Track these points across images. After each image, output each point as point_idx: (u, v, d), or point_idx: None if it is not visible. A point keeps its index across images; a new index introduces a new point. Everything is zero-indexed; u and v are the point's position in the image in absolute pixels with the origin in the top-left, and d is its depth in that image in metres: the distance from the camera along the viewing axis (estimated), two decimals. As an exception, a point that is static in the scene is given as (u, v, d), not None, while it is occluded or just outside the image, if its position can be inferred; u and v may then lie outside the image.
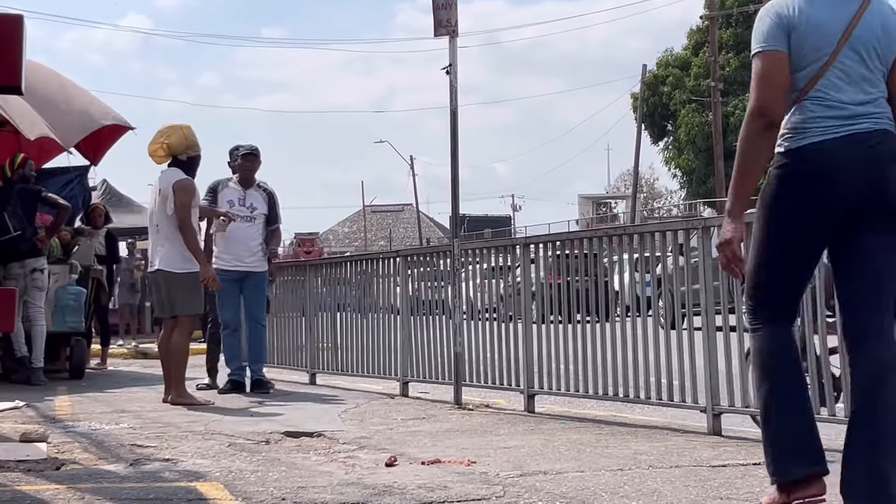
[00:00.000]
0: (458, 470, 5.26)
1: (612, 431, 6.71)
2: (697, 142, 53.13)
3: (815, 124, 3.84)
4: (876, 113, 3.86)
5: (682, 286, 7.12)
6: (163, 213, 8.83)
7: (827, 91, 3.85)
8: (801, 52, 3.86)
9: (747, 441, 6.17)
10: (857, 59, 3.86)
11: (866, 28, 3.87)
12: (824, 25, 3.85)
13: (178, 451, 5.98)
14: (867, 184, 3.79)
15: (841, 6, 3.89)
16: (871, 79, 3.88)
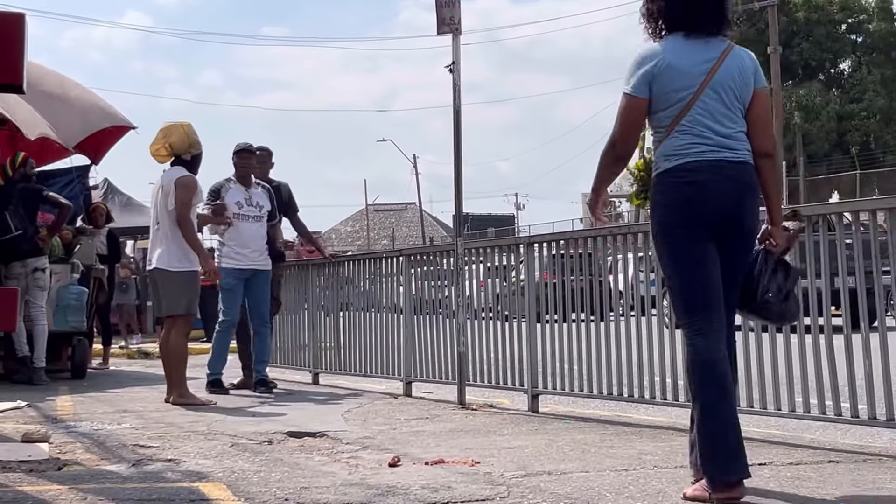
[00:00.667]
0: (462, 470, 5.26)
1: (617, 431, 6.71)
2: (701, 140, 53.10)
3: (690, 149, 4.45)
4: (736, 146, 4.47)
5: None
6: (163, 210, 8.86)
7: (693, 124, 4.46)
8: (666, 94, 4.49)
9: (753, 441, 6.15)
10: (717, 98, 4.47)
11: (726, 72, 4.49)
12: (686, 71, 4.47)
13: (181, 452, 5.98)
14: (729, 208, 4.44)
15: (702, 53, 4.50)
16: (730, 115, 4.49)
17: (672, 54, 4.51)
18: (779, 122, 40.99)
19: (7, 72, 3.81)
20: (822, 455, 5.62)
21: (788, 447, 5.92)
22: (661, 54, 4.52)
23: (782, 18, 48.89)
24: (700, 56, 4.51)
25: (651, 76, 4.50)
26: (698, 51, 4.52)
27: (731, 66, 4.52)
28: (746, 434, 6.37)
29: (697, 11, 4.54)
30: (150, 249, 9.17)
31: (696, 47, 4.53)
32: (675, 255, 4.50)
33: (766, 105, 4.57)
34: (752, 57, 4.66)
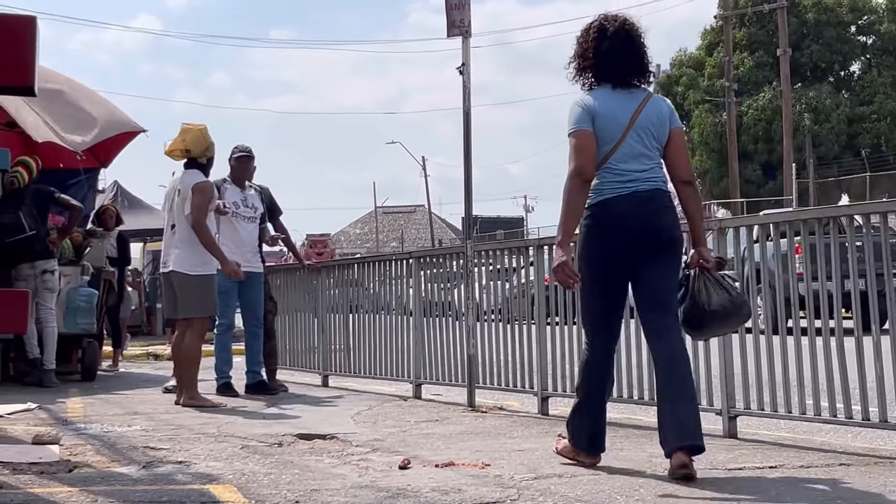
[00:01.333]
0: (472, 473, 5.26)
1: (627, 434, 6.70)
2: (711, 142, 53.00)
3: (608, 187, 5.24)
4: (652, 177, 5.27)
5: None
6: (181, 214, 8.89)
7: (616, 164, 5.24)
8: (599, 135, 5.24)
9: (764, 444, 6.15)
10: (638, 139, 5.25)
11: (646, 117, 5.28)
12: (615, 116, 5.25)
13: (191, 454, 5.99)
14: (645, 227, 5.21)
15: (627, 101, 5.30)
16: (648, 154, 5.28)
17: (602, 103, 5.28)
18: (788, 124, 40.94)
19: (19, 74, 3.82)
20: (833, 458, 5.61)
21: (799, 450, 5.91)
22: (594, 103, 5.28)
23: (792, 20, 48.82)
24: (625, 104, 5.30)
25: (592, 115, 5.25)
26: (623, 100, 5.31)
27: (650, 112, 5.31)
28: (757, 437, 6.39)
29: (622, 68, 5.35)
30: (165, 251, 9.19)
31: (621, 97, 5.32)
32: (592, 279, 5.34)
33: (681, 141, 5.40)
34: (668, 103, 5.48)
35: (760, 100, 51.43)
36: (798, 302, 6.31)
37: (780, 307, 6.37)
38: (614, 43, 5.33)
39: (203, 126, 9.08)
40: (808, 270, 6.14)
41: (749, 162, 51.06)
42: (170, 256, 9.01)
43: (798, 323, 6.25)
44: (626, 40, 5.36)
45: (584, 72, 5.42)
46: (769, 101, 50.32)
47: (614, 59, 5.32)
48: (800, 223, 6.37)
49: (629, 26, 5.40)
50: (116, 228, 13.96)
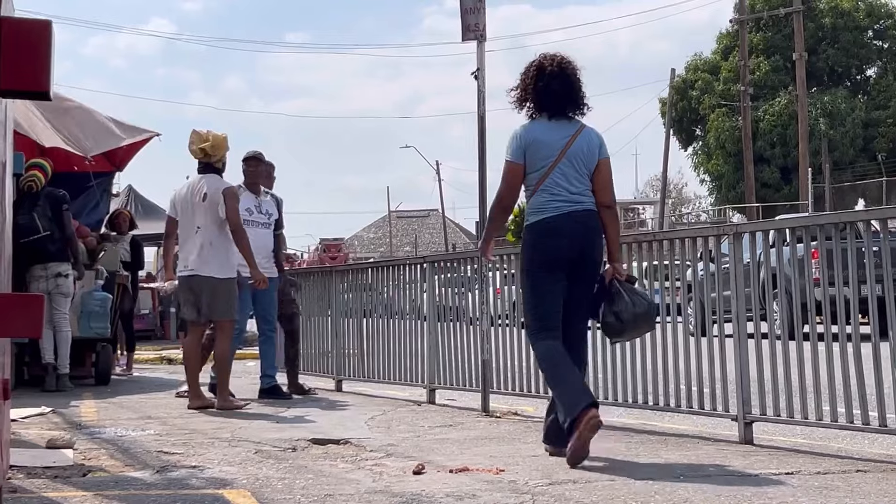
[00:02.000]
0: (487, 478, 5.26)
1: (642, 440, 6.69)
2: (727, 146, 52.93)
3: (548, 206, 5.98)
4: (583, 200, 6.01)
5: (713, 292, 7.10)
6: (209, 217, 8.99)
7: (552, 185, 5.98)
8: (534, 160, 6.01)
9: (780, 450, 6.14)
10: (570, 165, 6.00)
11: (577, 147, 6.02)
12: (548, 144, 6.01)
13: (205, 458, 6.00)
14: (579, 244, 5.98)
15: (560, 131, 6.04)
16: (579, 178, 6.01)
17: (539, 132, 6.05)
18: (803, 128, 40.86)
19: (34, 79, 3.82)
20: (849, 464, 5.59)
21: (815, 456, 5.89)
22: (532, 131, 6.06)
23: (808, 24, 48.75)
24: (559, 134, 6.04)
25: (524, 148, 6.03)
26: (558, 129, 6.05)
27: (581, 142, 6.04)
28: (773, 443, 6.38)
29: (557, 102, 6.05)
30: (185, 254, 9.18)
31: (556, 127, 6.06)
32: (534, 286, 6.08)
33: (607, 170, 6.11)
34: (599, 134, 6.15)
35: (776, 104, 51.36)
36: (814, 307, 6.29)
37: (796, 312, 6.35)
38: (551, 80, 6.05)
39: (225, 135, 9.28)
40: (824, 275, 6.11)
41: (766, 166, 50.99)
42: (194, 260, 9.01)
43: (815, 328, 6.23)
44: (562, 78, 6.07)
45: (524, 103, 6.18)
46: (785, 106, 50.22)
47: (550, 94, 6.06)
48: (816, 228, 6.35)
49: (565, 65, 6.11)
50: (130, 233, 13.99)
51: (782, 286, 6.52)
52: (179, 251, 9.38)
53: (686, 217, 68.46)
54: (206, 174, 9.16)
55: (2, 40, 3.69)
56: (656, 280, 7.72)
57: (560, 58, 6.12)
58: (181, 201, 9.25)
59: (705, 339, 6.98)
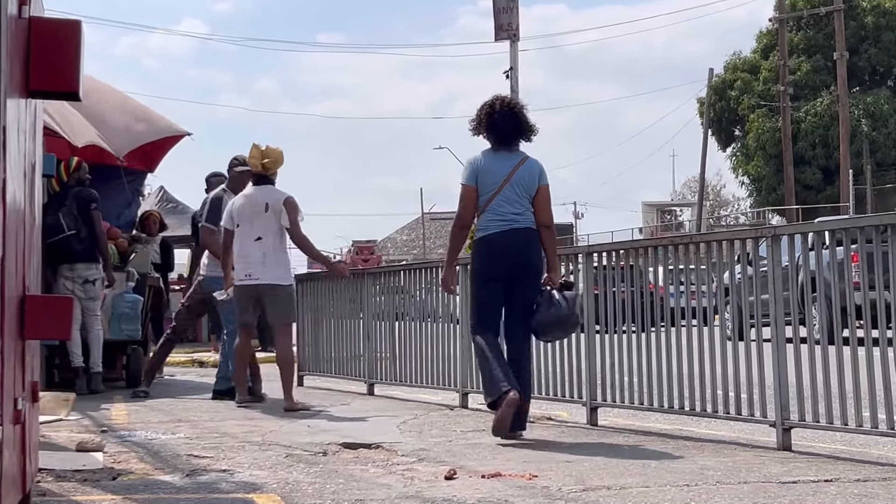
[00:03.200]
0: (519, 484, 5.25)
1: (678, 446, 6.66)
2: (767, 148, 52.62)
3: (490, 224, 7.23)
4: (522, 220, 7.21)
5: (751, 296, 7.07)
6: (272, 227, 9.54)
7: (497, 207, 7.20)
8: (483, 185, 7.25)
9: (819, 457, 6.10)
10: (513, 190, 7.21)
11: (520, 174, 7.24)
12: (495, 172, 7.24)
13: (235, 462, 6.03)
14: (515, 258, 7.19)
15: (506, 161, 7.28)
16: (520, 202, 7.22)
17: (488, 161, 7.31)
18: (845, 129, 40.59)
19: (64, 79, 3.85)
20: (890, 471, 5.55)
21: (855, 463, 5.85)
22: (481, 161, 7.31)
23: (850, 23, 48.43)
24: (506, 164, 7.27)
25: (476, 174, 7.26)
26: (504, 159, 7.30)
27: (523, 171, 7.27)
28: (812, 449, 6.34)
29: (504, 136, 7.32)
30: (245, 262, 9.54)
31: (503, 157, 7.31)
32: (477, 291, 7.41)
33: (545, 195, 7.30)
34: (539, 164, 7.36)
35: (818, 105, 51.03)
36: (854, 311, 6.24)
37: (835, 316, 6.31)
38: (500, 118, 7.31)
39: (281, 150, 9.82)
40: (864, 279, 6.08)
41: (807, 167, 50.66)
42: (258, 268, 9.48)
43: (854, 333, 6.19)
44: (510, 116, 7.33)
45: (478, 133, 7.44)
46: (827, 107, 49.90)
47: (499, 129, 7.31)
48: (856, 230, 6.30)
49: (513, 105, 7.45)
50: (160, 234, 14.05)
51: (822, 290, 6.47)
52: (236, 262, 9.65)
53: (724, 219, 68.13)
54: (261, 185, 9.67)
55: (31, 41, 3.73)
56: (692, 284, 7.69)
57: (509, 100, 7.57)
58: (239, 212, 9.64)
59: (743, 344, 6.93)
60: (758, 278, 6.88)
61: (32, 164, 4.20)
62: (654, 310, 7.72)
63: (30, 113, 4.04)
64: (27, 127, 3.95)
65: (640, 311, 7.76)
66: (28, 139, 4.01)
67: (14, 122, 3.49)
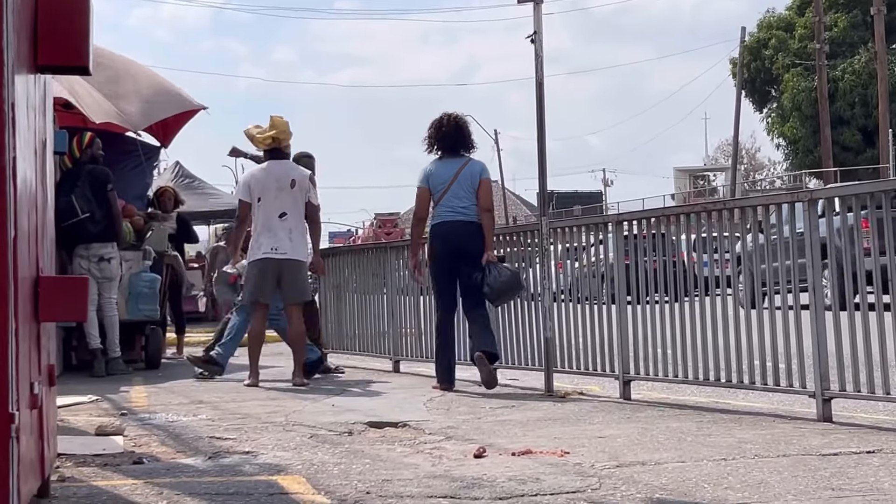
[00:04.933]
0: (551, 461, 5.26)
1: (714, 419, 6.66)
2: (803, 108, 52.24)
3: (441, 215, 8.98)
4: (467, 212, 8.92)
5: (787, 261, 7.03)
6: (297, 204, 9.77)
7: (446, 202, 8.92)
8: (435, 186, 9.00)
9: (861, 428, 6.09)
10: (459, 187, 8.92)
11: (464, 174, 8.96)
12: (443, 174, 8.98)
13: (258, 444, 6.06)
14: (460, 243, 8.88)
15: (452, 165, 9.00)
16: (466, 196, 8.93)
17: (438, 166, 9.06)
18: (884, 87, 40.25)
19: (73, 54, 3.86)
20: (935, 442, 5.53)
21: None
22: (432, 166, 9.08)
23: (888, -24, 47.91)
24: (452, 167, 8.99)
25: (428, 178, 9.04)
26: (451, 164, 9.02)
27: (467, 172, 8.98)
28: (853, 420, 6.32)
29: (451, 146, 9.06)
30: (268, 237, 9.68)
31: (450, 163, 9.03)
32: (434, 273, 9.25)
33: (487, 187, 9.02)
34: (481, 163, 9.16)
35: (856, 62, 50.60)
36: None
37: (876, 283, 6.26)
38: (447, 131, 9.07)
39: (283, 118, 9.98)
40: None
41: (845, 128, 50.31)
42: (285, 243, 9.66)
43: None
44: (456, 128, 9.10)
45: (431, 147, 9.13)
46: (865, 64, 49.49)
47: (446, 141, 9.07)
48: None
49: (458, 120, 9.13)
50: (175, 210, 14.05)
51: (860, 255, 6.42)
52: (259, 235, 9.75)
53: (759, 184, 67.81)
54: (281, 160, 9.87)
55: (39, 14, 3.74)
56: (727, 252, 7.66)
57: (455, 115, 9.16)
58: (260, 185, 9.75)
59: (780, 312, 6.89)
60: (795, 244, 6.85)
61: (43, 142, 4.21)
62: (686, 279, 7.71)
63: (38, 88, 4.06)
64: (36, 103, 3.97)
65: (672, 280, 7.76)
66: (38, 116, 4.02)
67: (23, 98, 3.50)
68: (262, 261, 9.67)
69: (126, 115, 12.33)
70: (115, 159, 11.99)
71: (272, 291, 9.77)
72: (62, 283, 3.86)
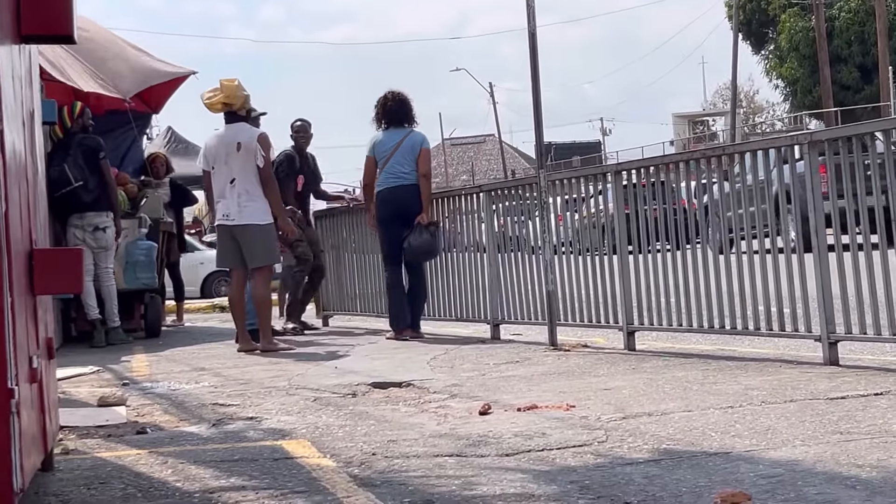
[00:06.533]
0: (557, 415, 5.28)
1: (720, 366, 6.68)
2: (801, 48, 52.10)
3: (384, 181, 10.00)
4: (408, 177, 9.93)
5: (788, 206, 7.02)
6: (245, 167, 9.55)
7: (390, 168, 9.96)
8: (380, 154, 10.02)
9: (867, 370, 6.10)
10: (402, 154, 9.95)
11: (405, 144, 9.99)
12: (387, 144, 10.01)
13: (262, 409, 6.08)
14: (401, 205, 9.91)
15: (396, 135, 10.01)
16: (407, 162, 9.94)
17: (383, 137, 10.07)
18: (882, 24, 40.09)
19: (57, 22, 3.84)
20: (943, 381, 5.54)
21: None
22: (379, 137, 10.09)
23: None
24: (395, 137, 10.02)
25: (374, 147, 10.08)
26: (394, 135, 10.05)
27: (408, 142, 9.98)
28: (860, 363, 6.33)
29: (394, 119, 10.10)
30: (224, 204, 9.64)
31: (394, 133, 10.05)
32: (381, 232, 10.21)
33: (426, 155, 10.06)
34: (421, 134, 10.17)
35: (852, 1, 50.39)
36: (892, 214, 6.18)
37: (878, 221, 6.25)
38: (391, 106, 10.11)
39: (237, 80, 9.83)
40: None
41: (843, 66, 50.16)
42: (234, 209, 9.54)
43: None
44: (400, 103, 10.12)
45: (378, 120, 10.16)
46: (862, 2, 49.27)
47: (390, 115, 10.11)
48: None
49: (400, 96, 10.18)
50: (167, 176, 14.01)
51: (862, 194, 6.41)
52: (216, 203, 9.64)
53: (760, 126, 67.68)
54: (233, 123, 9.71)
55: (20, -17, 3.71)
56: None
57: (398, 92, 10.24)
58: (212, 153, 9.76)
59: (783, 256, 6.89)
60: (796, 186, 6.85)
61: (31, 112, 4.20)
62: (688, 227, 7.72)
63: (24, 59, 4.03)
64: (22, 73, 3.94)
65: (673, 228, 7.76)
66: (24, 86, 4.00)
67: (8, 69, 3.48)
68: (218, 228, 9.89)
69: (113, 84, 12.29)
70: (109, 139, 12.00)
71: (236, 257, 9.70)
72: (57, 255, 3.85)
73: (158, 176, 13.72)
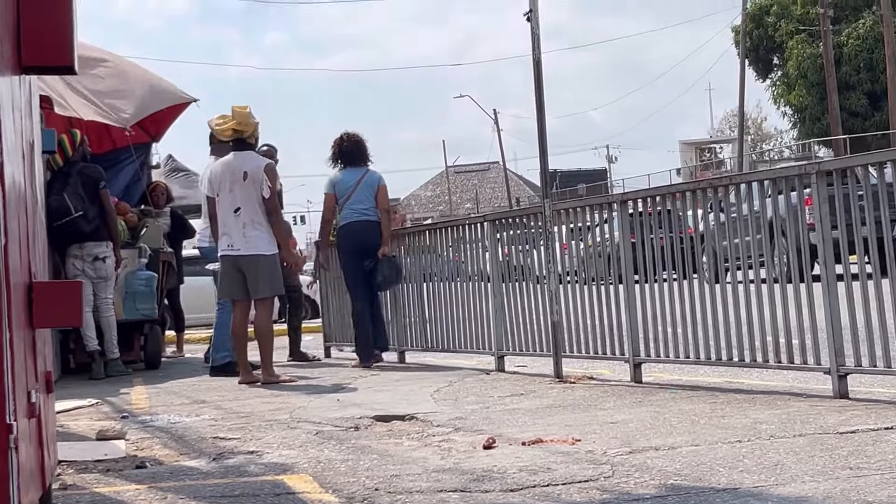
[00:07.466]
0: (562, 449, 5.28)
1: (728, 399, 6.67)
2: (809, 75, 52.15)
3: (347, 215, 10.84)
4: (368, 213, 10.81)
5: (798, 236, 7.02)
6: (251, 196, 9.58)
7: (350, 206, 10.82)
8: (340, 192, 10.88)
9: (878, 403, 6.09)
10: (362, 192, 10.83)
11: (365, 183, 10.87)
12: (347, 182, 10.87)
13: (263, 443, 6.08)
14: (362, 240, 10.80)
15: (355, 174, 10.91)
16: (367, 199, 10.82)
17: (342, 176, 10.92)
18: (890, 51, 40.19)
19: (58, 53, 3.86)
20: (954, 415, 5.53)
21: (917, 408, 5.83)
22: (338, 176, 10.95)
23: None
24: (354, 177, 10.89)
25: (334, 185, 10.90)
26: (353, 174, 10.91)
27: (367, 180, 10.90)
28: (871, 396, 6.33)
29: (351, 159, 10.98)
30: (228, 234, 9.65)
31: (352, 172, 10.93)
32: (344, 267, 11.21)
33: (384, 192, 10.92)
34: (378, 174, 11.04)
35: (860, 27, 50.51)
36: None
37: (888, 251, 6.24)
38: (347, 147, 11.01)
39: (248, 107, 9.89)
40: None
41: (852, 93, 50.23)
42: (238, 239, 9.58)
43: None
44: (354, 144, 11.04)
45: (334, 159, 11.05)
46: (870, 28, 49.38)
47: (346, 155, 11.01)
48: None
49: (356, 138, 11.07)
50: (168, 206, 14.02)
51: (872, 224, 6.40)
52: (220, 232, 9.69)
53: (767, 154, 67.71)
54: (242, 152, 9.73)
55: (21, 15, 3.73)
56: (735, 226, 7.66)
57: (353, 134, 11.10)
58: (218, 179, 9.72)
59: (791, 286, 6.89)
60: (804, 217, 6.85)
61: (31, 143, 4.21)
62: (695, 256, 7.72)
63: (24, 90, 4.05)
64: (22, 105, 3.96)
65: (680, 258, 7.76)
66: (24, 118, 4.02)
67: (8, 101, 3.50)
68: (222, 258, 9.82)
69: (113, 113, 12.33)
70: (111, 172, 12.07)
71: (241, 288, 9.72)
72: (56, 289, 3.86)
73: (158, 205, 13.72)
